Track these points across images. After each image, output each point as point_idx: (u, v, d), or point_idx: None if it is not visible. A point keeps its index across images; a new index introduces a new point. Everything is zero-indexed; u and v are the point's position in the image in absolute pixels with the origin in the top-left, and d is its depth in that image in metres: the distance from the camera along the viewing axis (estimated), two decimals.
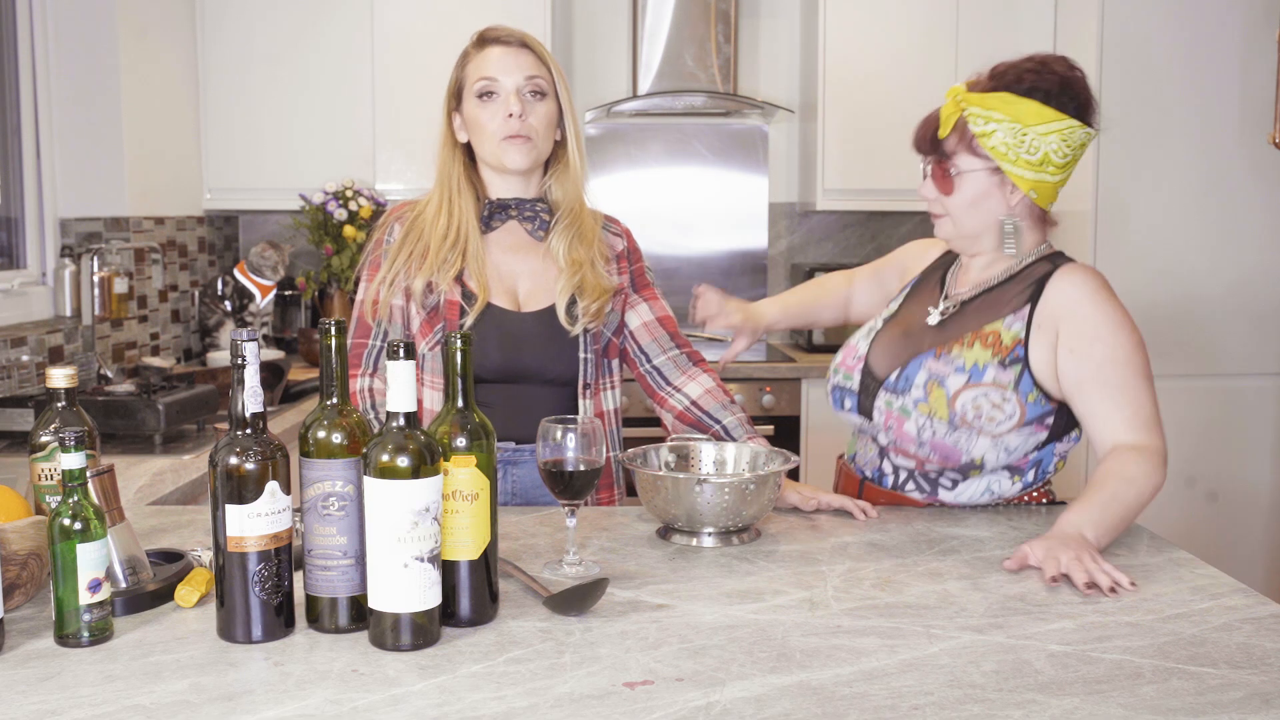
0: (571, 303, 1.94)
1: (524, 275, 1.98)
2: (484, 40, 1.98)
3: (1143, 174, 3.76)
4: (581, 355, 1.96)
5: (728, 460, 1.83)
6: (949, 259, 1.98)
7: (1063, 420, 1.80)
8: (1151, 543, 1.68)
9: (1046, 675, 1.19)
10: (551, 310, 1.95)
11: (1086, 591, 1.44)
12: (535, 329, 1.94)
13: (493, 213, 1.98)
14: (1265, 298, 3.82)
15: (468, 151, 2.00)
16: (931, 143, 1.82)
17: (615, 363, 2.03)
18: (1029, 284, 1.81)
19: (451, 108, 2.00)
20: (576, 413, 1.96)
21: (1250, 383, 3.85)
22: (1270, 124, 3.65)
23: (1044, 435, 1.79)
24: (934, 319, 1.87)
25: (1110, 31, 3.70)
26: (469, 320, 1.90)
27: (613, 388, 2.02)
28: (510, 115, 1.91)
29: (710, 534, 1.67)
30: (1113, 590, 1.44)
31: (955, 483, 1.84)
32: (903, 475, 1.88)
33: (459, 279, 1.93)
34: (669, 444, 1.85)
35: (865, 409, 1.89)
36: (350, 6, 3.84)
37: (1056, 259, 1.85)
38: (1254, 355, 3.84)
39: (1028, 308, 1.79)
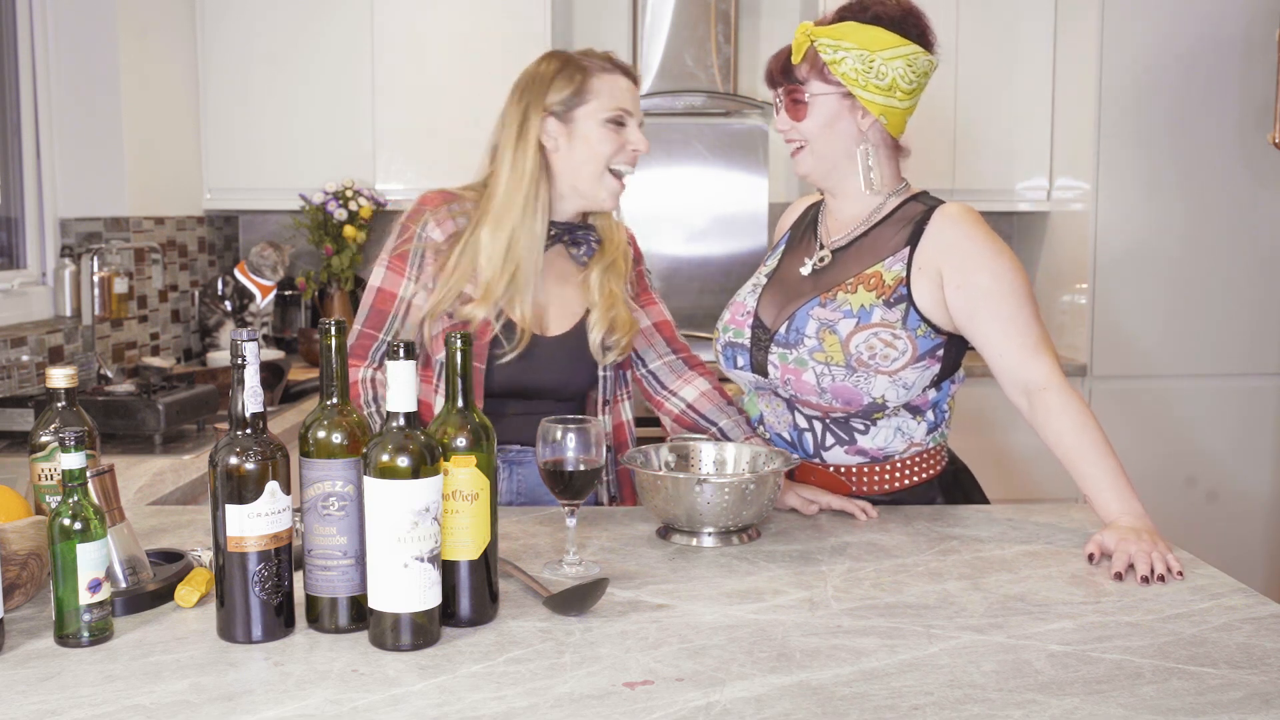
0: (603, 336, 1.94)
1: (551, 298, 1.95)
2: (615, 65, 1.93)
3: (1143, 174, 3.76)
4: (601, 374, 1.97)
5: (728, 460, 1.83)
6: (814, 211, 2.02)
7: (952, 353, 1.87)
8: None
9: (1046, 675, 1.19)
10: (573, 333, 1.94)
11: (1141, 584, 1.50)
12: (557, 352, 1.93)
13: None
14: (1265, 298, 3.82)
15: (544, 160, 1.91)
16: (783, 73, 1.87)
17: (628, 374, 2.05)
18: (904, 225, 1.87)
19: (544, 110, 1.89)
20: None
21: (1250, 383, 3.85)
22: (1270, 124, 3.65)
23: (937, 369, 1.85)
24: (807, 269, 1.91)
25: (1110, 32, 3.70)
26: (512, 354, 1.87)
27: (629, 398, 2.04)
28: (637, 150, 1.91)
29: (710, 534, 1.67)
30: (1162, 578, 1.52)
31: (867, 427, 1.88)
32: (819, 428, 1.89)
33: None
34: (669, 444, 1.86)
35: (759, 365, 1.89)
36: (350, 6, 3.84)
37: (925, 199, 1.91)
38: (1254, 355, 3.84)
39: (907, 249, 1.84)
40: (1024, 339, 1.78)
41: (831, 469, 1.89)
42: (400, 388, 1.27)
